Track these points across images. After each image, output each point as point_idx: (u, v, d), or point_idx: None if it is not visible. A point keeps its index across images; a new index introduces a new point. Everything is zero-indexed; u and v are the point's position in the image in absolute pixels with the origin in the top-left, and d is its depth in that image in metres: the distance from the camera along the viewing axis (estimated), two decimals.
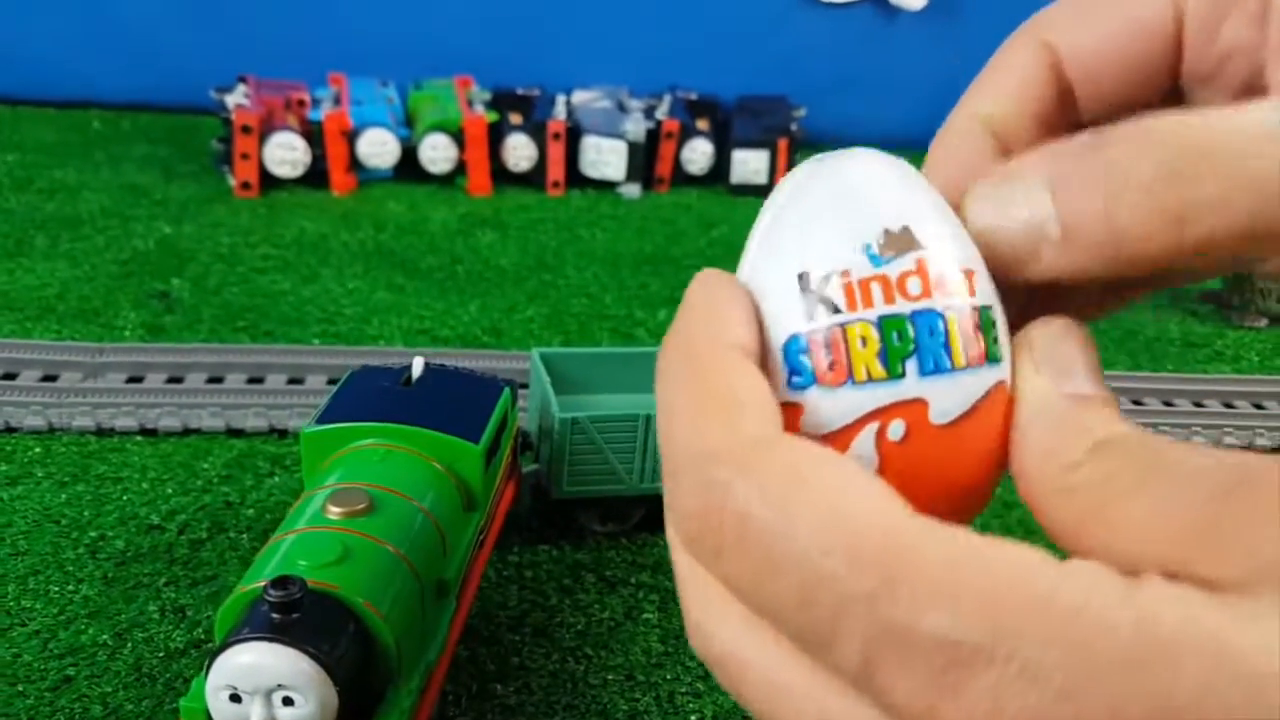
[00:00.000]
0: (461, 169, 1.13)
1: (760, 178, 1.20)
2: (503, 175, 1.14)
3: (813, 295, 0.20)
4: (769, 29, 1.39)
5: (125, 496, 0.58)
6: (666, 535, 0.22)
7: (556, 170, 1.15)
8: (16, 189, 1.02)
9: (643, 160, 1.17)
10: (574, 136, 1.15)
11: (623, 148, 1.15)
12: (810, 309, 0.20)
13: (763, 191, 1.19)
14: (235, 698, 0.33)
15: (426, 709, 0.39)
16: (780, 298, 0.20)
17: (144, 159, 1.14)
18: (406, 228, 1.02)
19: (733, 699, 0.20)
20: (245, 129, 1.03)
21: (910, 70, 1.41)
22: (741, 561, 0.17)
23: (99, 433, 0.64)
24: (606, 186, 1.17)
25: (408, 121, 1.16)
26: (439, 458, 0.45)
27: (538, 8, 1.34)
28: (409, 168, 1.12)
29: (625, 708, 0.47)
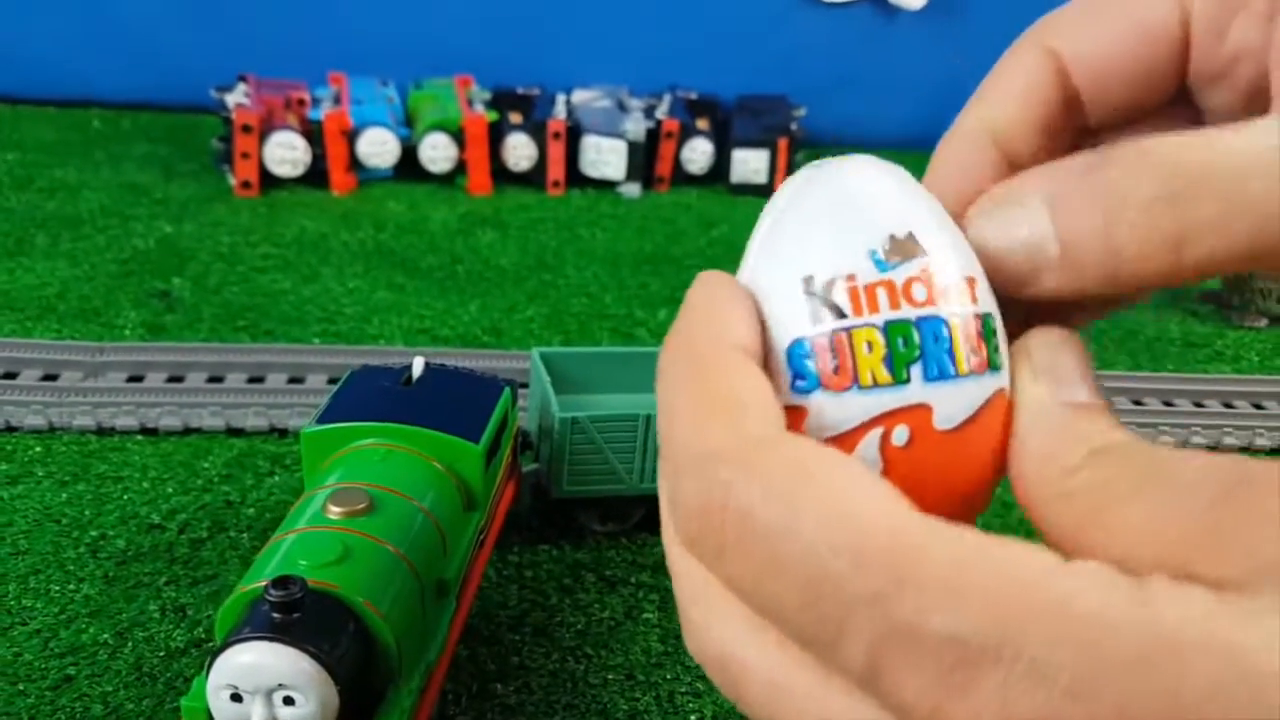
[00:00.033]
0: (461, 168, 1.13)
1: (760, 177, 1.20)
2: (503, 175, 1.14)
3: (818, 299, 0.20)
4: (769, 28, 1.39)
5: (126, 496, 0.58)
6: (663, 536, 0.22)
7: (556, 170, 1.15)
8: (17, 188, 1.02)
9: (643, 160, 1.17)
10: (574, 136, 1.15)
11: (623, 147, 1.15)
12: (815, 313, 0.20)
13: (763, 191, 1.19)
14: (236, 697, 0.33)
15: (427, 708, 0.39)
16: (784, 301, 0.20)
17: (144, 158, 1.14)
18: (407, 227, 1.02)
19: (728, 698, 0.20)
20: (245, 128, 1.03)
21: (910, 70, 1.41)
22: (745, 561, 0.17)
23: (99, 432, 0.64)
24: (606, 186, 1.17)
25: (408, 121, 1.16)
26: (439, 457, 0.45)
27: (538, 7, 1.34)
28: (409, 167, 1.12)
29: (625, 707, 0.47)
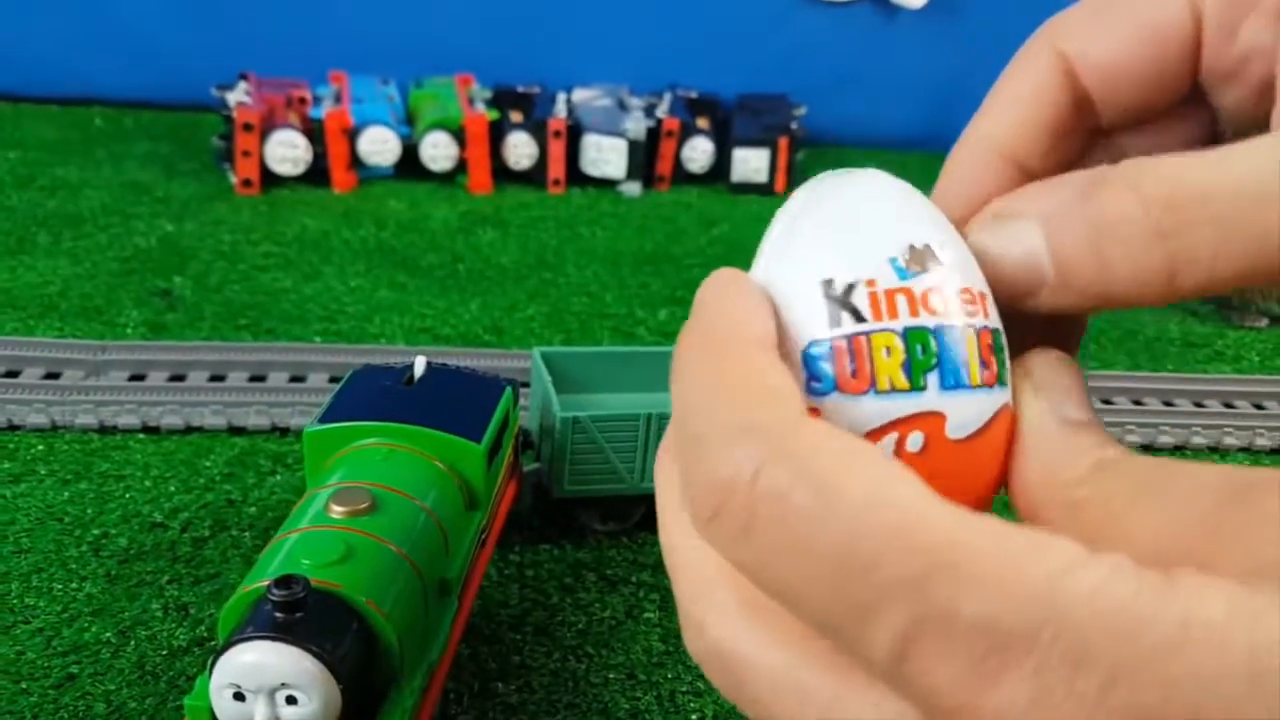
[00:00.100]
0: (462, 167, 1.13)
1: (761, 176, 1.20)
2: (503, 173, 1.14)
3: (838, 302, 0.20)
4: (769, 27, 1.39)
5: (128, 494, 0.58)
6: (663, 530, 0.21)
7: (557, 168, 1.15)
8: (18, 186, 1.02)
9: (643, 158, 1.17)
10: (574, 134, 1.15)
11: (623, 146, 1.15)
12: (835, 315, 0.19)
13: (763, 190, 1.20)
14: (239, 696, 0.33)
15: (429, 708, 0.39)
16: (802, 303, 0.20)
17: (145, 156, 1.14)
18: (407, 226, 1.02)
19: (728, 698, 0.20)
20: (247, 126, 1.03)
21: (910, 69, 1.41)
22: (771, 540, 0.17)
23: (101, 430, 0.64)
24: (607, 185, 1.17)
25: (408, 119, 1.16)
26: (441, 457, 0.46)
27: (538, 6, 1.34)
28: (410, 166, 1.12)
29: (626, 706, 0.47)
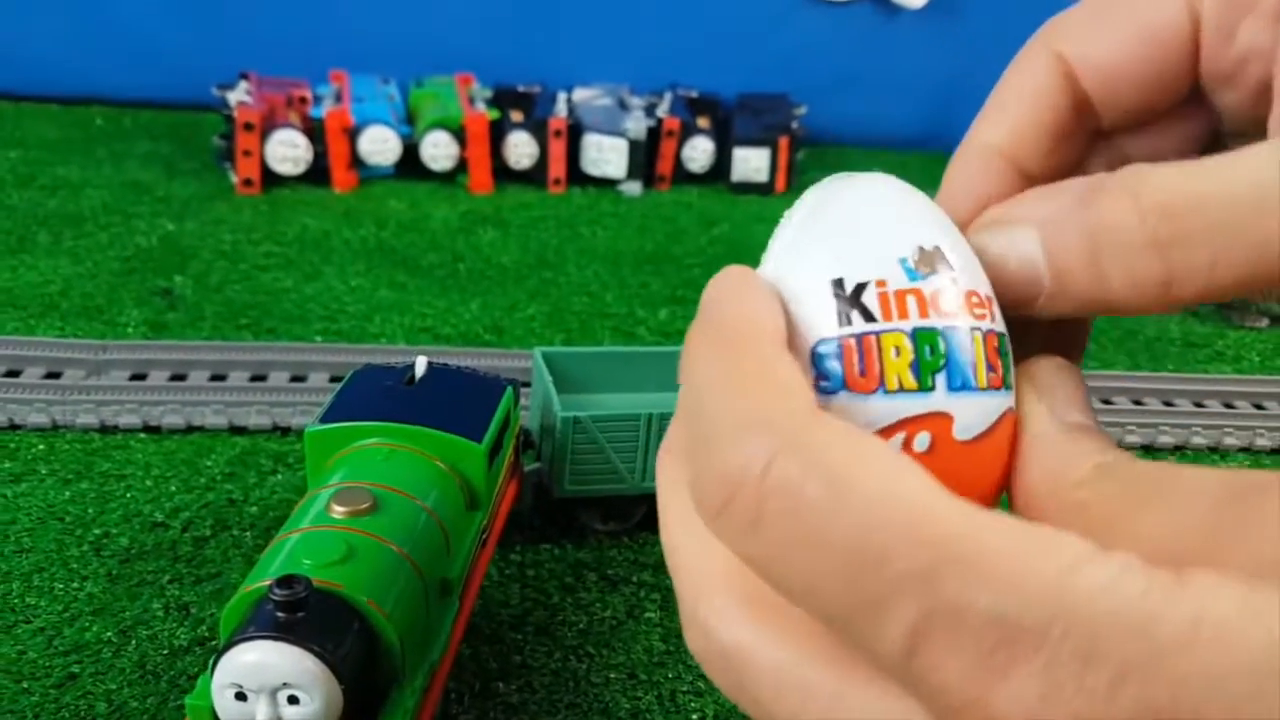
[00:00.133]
0: (463, 166, 1.13)
1: (761, 176, 1.20)
2: (504, 173, 1.15)
3: (848, 301, 0.20)
4: (770, 27, 1.39)
5: (129, 494, 0.58)
6: (664, 527, 0.21)
7: (558, 168, 1.15)
8: (19, 185, 1.02)
9: (643, 158, 1.17)
10: (575, 134, 1.15)
11: (624, 145, 1.15)
12: (845, 314, 0.20)
13: (764, 190, 1.20)
14: (241, 696, 0.33)
15: (430, 707, 0.39)
16: (812, 302, 0.20)
17: (146, 156, 1.14)
18: (408, 225, 1.02)
19: (729, 699, 0.20)
20: (247, 126, 1.03)
21: (911, 69, 1.41)
22: (782, 533, 0.17)
23: (102, 430, 0.64)
24: (607, 184, 1.17)
25: (409, 119, 1.16)
26: (442, 457, 0.46)
27: (539, 5, 1.34)
28: (410, 165, 1.12)
29: (627, 706, 0.47)
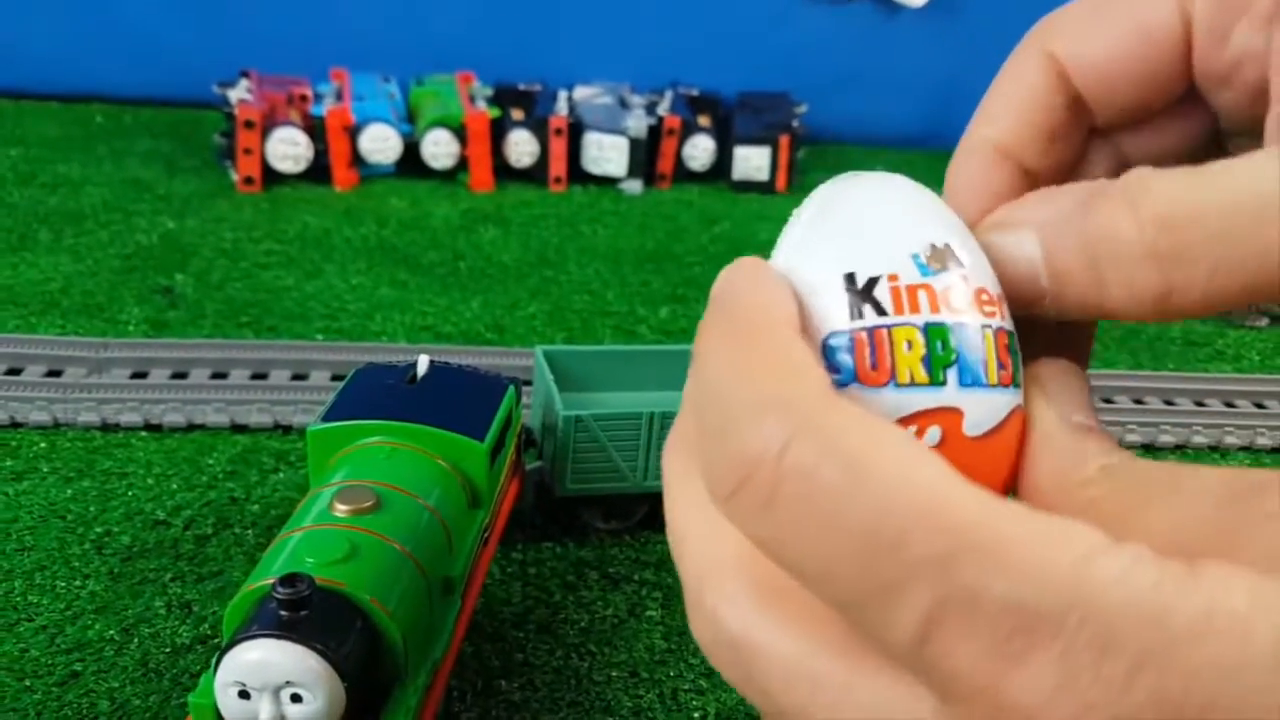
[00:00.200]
0: (463, 165, 1.13)
1: (762, 174, 1.20)
2: (504, 171, 1.15)
3: (860, 295, 0.20)
4: (770, 25, 1.39)
5: (130, 492, 0.58)
6: (670, 509, 0.21)
7: (558, 166, 1.15)
8: (20, 183, 1.02)
9: (644, 156, 1.17)
10: (576, 132, 1.16)
11: (624, 144, 1.15)
12: (857, 308, 0.20)
13: (765, 188, 1.20)
14: (244, 694, 0.33)
15: (433, 705, 0.40)
16: (824, 295, 0.20)
17: (147, 154, 1.14)
18: (409, 224, 1.02)
19: (735, 689, 0.19)
20: (248, 124, 1.03)
21: (911, 68, 1.41)
22: (796, 515, 0.17)
23: (104, 428, 0.64)
24: (608, 183, 1.17)
25: (410, 117, 1.16)
26: (444, 455, 0.46)
27: (539, 4, 1.34)
28: (411, 163, 1.12)
29: (629, 704, 0.47)
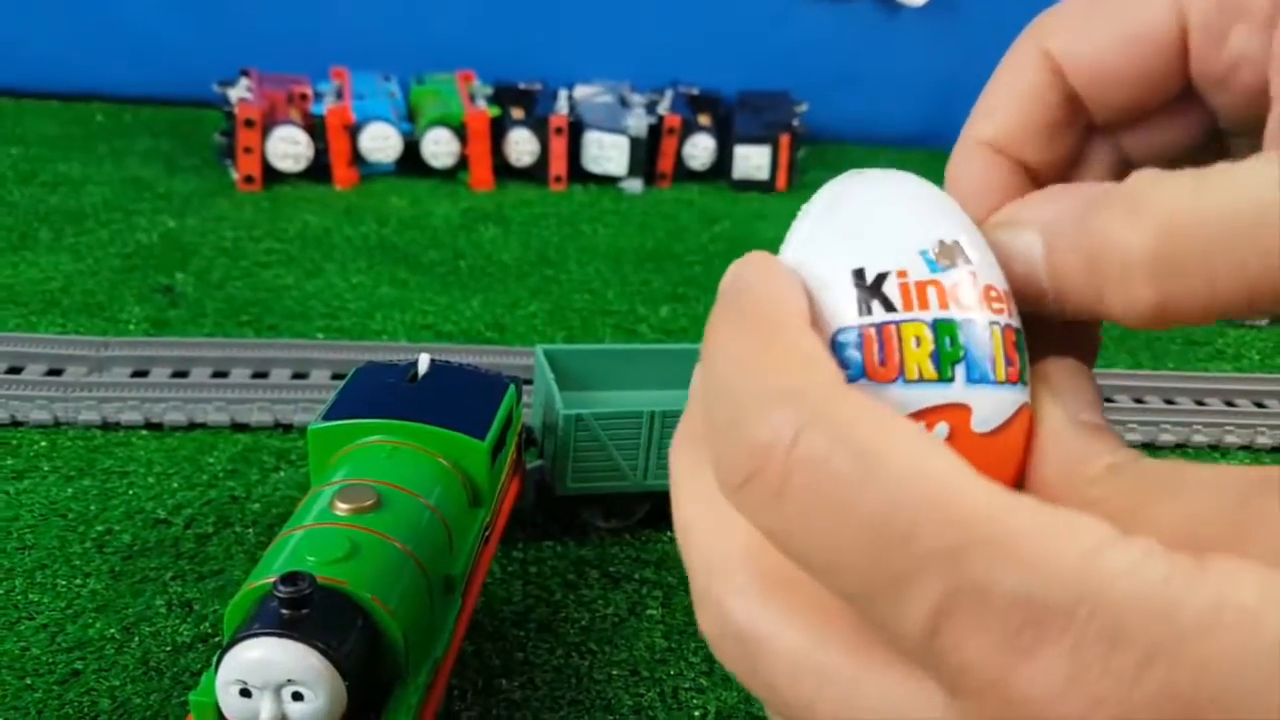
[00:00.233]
0: (463, 164, 1.13)
1: (762, 173, 1.20)
2: (505, 170, 1.15)
3: (869, 291, 0.20)
4: (770, 25, 1.39)
5: (131, 491, 0.58)
6: (676, 503, 0.21)
7: (558, 165, 1.15)
8: (20, 182, 1.02)
9: (644, 155, 1.17)
10: (576, 131, 1.16)
11: (625, 143, 1.15)
12: (865, 304, 0.20)
13: (765, 187, 1.20)
14: (245, 692, 0.33)
15: (433, 704, 0.40)
16: (833, 291, 0.20)
17: (147, 152, 1.14)
18: (409, 222, 1.02)
19: (741, 683, 0.19)
20: (248, 123, 1.03)
21: (911, 67, 1.41)
22: (806, 506, 0.16)
23: (104, 427, 0.64)
24: (608, 181, 1.17)
25: (410, 116, 1.16)
26: (445, 454, 0.46)
27: (540, 2, 1.34)
28: (411, 162, 1.12)
29: (630, 703, 0.47)
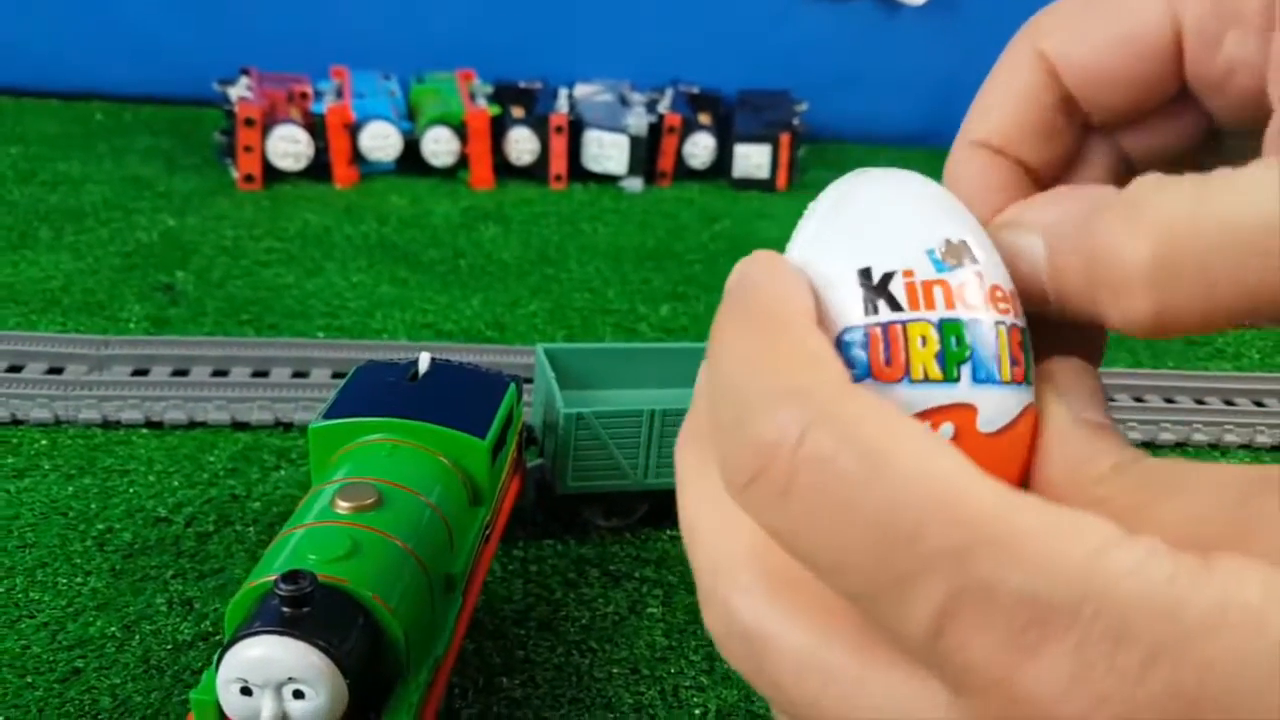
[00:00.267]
0: (463, 162, 1.13)
1: (762, 172, 1.20)
2: (505, 169, 1.15)
3: (875, 290, 0.20)
4: (771, 23, 1.39)
5: (132, 489, 0.58)
6: (682, 501, 0.21)
7: (559, 164, 1.15)
8: (20, 181, 1.02)
9: (645, 154, 1.17)
10: (576, 130, 1.16)
11: (625, 141, 1.15)
12: (871, 303, 0.20)
13: (765, 186, 1.20)
14: (246, 690, 0.33)
15: (434, 702, 0.40)
16: (839, 290, 0.20)
17: (147, 151, 1.14)
18: (409, 221, 1.02)
19: (747, 682, 0.19)
20: (248, 121, 1.03)
21: (911, 66, 1.41)
22: (812, 505, 0.16)
23: (105, 425, 0.64)
24: (608, 180, 1.17)
25: (410, 115, 1.16)
26: (446, 453, 0.46)
27: (540, 1, 1.34)
28: (411, 161, 1.12)
29: (630, 701, 0.47)
